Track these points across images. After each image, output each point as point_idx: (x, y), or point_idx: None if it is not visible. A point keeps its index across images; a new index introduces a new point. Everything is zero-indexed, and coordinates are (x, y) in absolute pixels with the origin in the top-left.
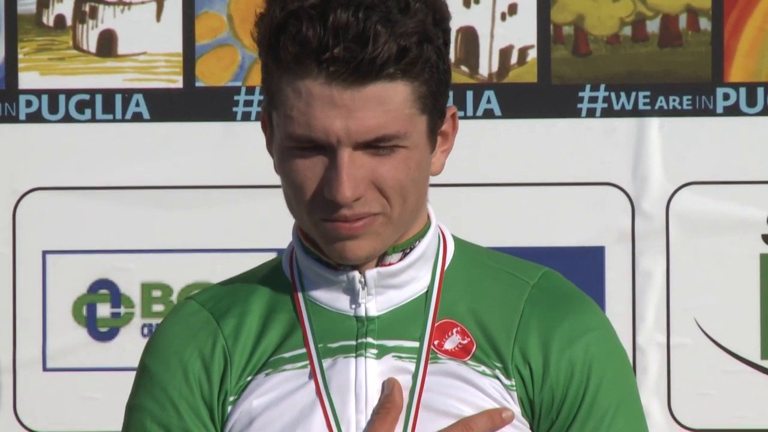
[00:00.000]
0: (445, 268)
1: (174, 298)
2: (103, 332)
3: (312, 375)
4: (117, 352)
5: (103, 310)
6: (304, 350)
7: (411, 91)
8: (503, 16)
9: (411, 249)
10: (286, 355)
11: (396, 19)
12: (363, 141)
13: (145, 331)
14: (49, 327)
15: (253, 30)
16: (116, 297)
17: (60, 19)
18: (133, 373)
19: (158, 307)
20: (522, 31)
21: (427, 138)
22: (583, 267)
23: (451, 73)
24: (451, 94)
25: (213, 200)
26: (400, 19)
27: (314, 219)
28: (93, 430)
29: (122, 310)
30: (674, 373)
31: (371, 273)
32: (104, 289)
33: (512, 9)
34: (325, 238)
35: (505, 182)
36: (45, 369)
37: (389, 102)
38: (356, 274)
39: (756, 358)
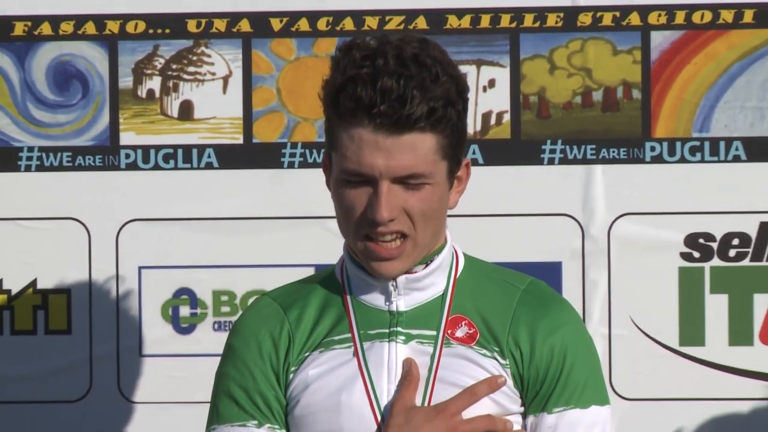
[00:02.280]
0: (457, 276)
1: (238, 301)
2: (184, 327)
3: (355, 354)
4: (194, 343)
5: (184, 310)
6: (349, 335)
7: (436, 141)
8: (484, 89)
9: (431, 261)
10: (336, 338)
11: (428, 87)
12: (398, 176)
13: (216, 327)
14: (143, 324)
15: (320, 91)
16: (194, 301)
17: (150, 92)
18: (207, 359)
19: (225, 309)
20: (499, 100)
21: (446, 179)
22: (545, 278)
23: (467, 131)
24: None
25: (265, 228)
26: (431, 86)
27: (359, 236)
28: (177, 401)
29: (198, 311)
30: (614, 357)
31: (401, 279)
32: (185, 294)
33: (491, 83)
34: (367, 256)
35: (486, 214)
36: (141, 355)
37: (419, 149)
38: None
39: (675, 345)
